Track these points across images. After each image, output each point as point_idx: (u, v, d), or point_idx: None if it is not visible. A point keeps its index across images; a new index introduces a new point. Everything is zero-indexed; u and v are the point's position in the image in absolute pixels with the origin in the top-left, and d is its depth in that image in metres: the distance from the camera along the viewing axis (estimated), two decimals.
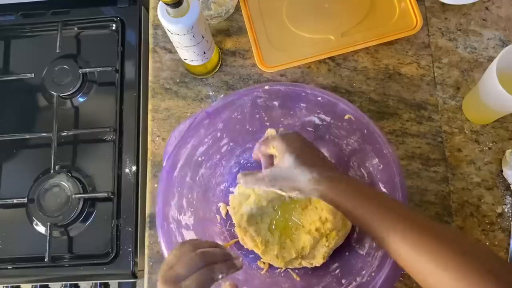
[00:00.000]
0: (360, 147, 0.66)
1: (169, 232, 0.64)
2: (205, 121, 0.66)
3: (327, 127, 0.68)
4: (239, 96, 0.66)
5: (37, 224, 0.80)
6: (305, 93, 0.65)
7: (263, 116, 0.70)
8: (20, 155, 0.85)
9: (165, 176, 0.65)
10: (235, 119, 0.69)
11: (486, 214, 0.71)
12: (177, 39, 0.67)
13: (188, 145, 0.66)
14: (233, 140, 0.71)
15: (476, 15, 0.79)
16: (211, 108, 0.66)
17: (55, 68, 0.86)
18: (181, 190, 0.67)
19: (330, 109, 0.66)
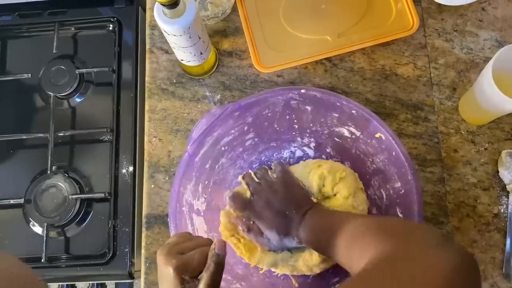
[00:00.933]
0: (385, 168, 0.65)
1: (180, 214, 0.64)
2: (236, 112, 0.66)
3: (355, 141, 0.68)
4: (273, 95, 0.66)
5: (33, 225, 0.80)
6: (340, 104, 0.64)
7: (293, 118, 0.69)
8: (17, 155, 0.85)
9: (187, 159, 0.65)
10: (264, 116, 0.68)
11: (482, 214, 0.71)
12: (173, 40, 0.67)
13: (215, 133, 0.66)
14: (259, 136, 0.71)
15: (473, 16, 0.79)
16: (244, 101, 0.66)
17: (52, 68, 0.86)
18: (199, 176, 0.67)
19: (362, 125, 0.65)
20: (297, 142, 0.72)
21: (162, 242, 0.73)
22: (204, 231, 0.67)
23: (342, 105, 0.65)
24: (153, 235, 0.74)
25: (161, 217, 0.74)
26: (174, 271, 0.46)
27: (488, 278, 0.69)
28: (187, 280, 0.47)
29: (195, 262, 0.47)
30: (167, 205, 0.73)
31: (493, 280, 0.69)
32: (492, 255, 0.70)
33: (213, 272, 0.47)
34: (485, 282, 0.69)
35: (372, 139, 0.65)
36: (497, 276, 0.69)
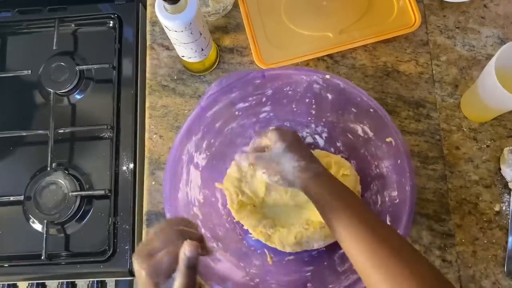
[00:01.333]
0: (387, 175, 0.65)
1: (178, 161, 0.64)
2: (257, 80, 0.65)
3: (366, 142, 0.67)
4: (298, 73, 0.65)
5: (33, 222, 0.80)
6: (360, 99, 0.64)
7: (312, 103, 0.68)
8: (17, 152, 0.85)
9: (199, 111, 0.64)
10: (285, 93, 0.67)
11: (484, 212, 0.71)
12: (174, 36, 0.66)
13: (232, 94, 0.65)
14: (275, 112, 0.70)
15: (475, 12, 0.79)
16: (269, 72, 0.65)
17: (52, 65, 0.86)
18: (206, 131, 0.67)
19: (377, 126, 0.64)
20: (311, 129, 0.72)
21: None
22: (198, 185, 0.67)
23: (362, 101, 0.64)
24: None
25: (161, 214, 0.74)
26: (147, 276, 0.45)
27: (490, 276, 0.69)
28: (161, 282, 0.46)
29: (165, 265, 0.46)
30: None
31: (495, 278, 0.69)
32: (494, 253, 0.70)
33: (185, 275, 0.46)
34: (487, 280, 0.69)
35: (382, 143, 0.64)
36: (499, 274, 0.69)
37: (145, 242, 0.49)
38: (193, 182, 0.67)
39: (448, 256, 0.69)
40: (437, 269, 0.49)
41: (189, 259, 0.46)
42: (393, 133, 0.62)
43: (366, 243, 0.49)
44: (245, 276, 0.64)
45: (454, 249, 0.70)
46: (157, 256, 0.46)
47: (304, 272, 0.66)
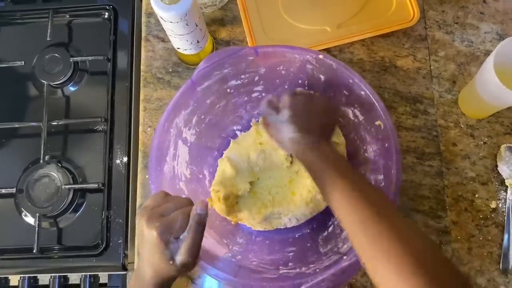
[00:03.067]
0: (375, 159, 0.65)
1: (166, 133, 0.63)
2: (250, 57, 0.64)
3: (357, 126, 0.67)
4: (291, 51, 0.64)
5: (25, 215, 0.79)
6: (352, 81, 0.63)
7: (305, 84, 0.68)
8: (9, 144, 0.84)
9: (189, 84, 0.63)
10: (278, 73, 0.67)
11: (480, 209, 0.71)
12: (170, 27, 0.65)
13: (224, 70, 0.64)
14: (267, 92, 0.70)
15: (474, 8, 0.78)
16: (262, 49, 0.63)
17: (46, 56, 0.85)
18: (197, 107, 0.66)
19: (367, 109, 0.64)
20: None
21: None
22: (185, 161, 0.67)
23: (353, 83, 0.63)
24: None
25: None
26: (158, 235, 0.46)
27: (485, 273, 0.68)
28: (171, 241, 0.47)
29: (178, 223, 0.47)
30: None
31: (490, 275, 0.68)
32: (489, 250, 0.69)
33: (195, 231, 0.47)
34: (482, 277, 0.68)
35: (372, 126, 0.64)
36: (494, 271, 0.68)
37: (152, 206, 0.50)
38: (180, 157, 0.66)
39: (443, 253, 0.69)
40: (435, 243, 0.48)
41: (200, 216, 0.48)
42: (383, 116, 0.62)
43: (360, 213, 0.48)
44: (227, 252, 0.64)
45: (449, 246, 0.69)
46: (170, 216, 0.48)
47: (287, 252, 0.66)
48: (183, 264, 0.47)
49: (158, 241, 0.46)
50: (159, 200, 0.51)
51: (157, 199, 0.51)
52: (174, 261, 0.47)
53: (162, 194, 0.53)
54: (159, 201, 0.51)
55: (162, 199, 0.51)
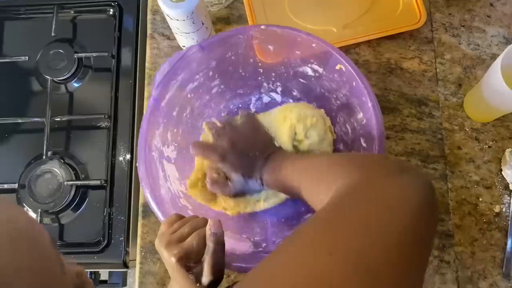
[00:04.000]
0: (348, 102, 0.64)
1: (150, 158, 0.63)
2: (198, 54, 0.63)
3: (319, 79, 0.67)
4: (234, 33, 0.64)
5: (27, 211, 0.79)
6: (300, 39, 0.63)
7: (257, 61, 0.68)
8: (12, 139, 0.83)
9: (152, 103, 0.63)
10: (228, 60, 0.67)
11: (483, 213, 0.71)
12: (176, 25, 0.65)
13: (179, 77, 0.64)
14: (225, 83, 0.70)
15: (481, 11, 0.78)
16: (206, 42, 0.63)
17: (50, 52, 0.84)
18: (167, 122, 0.66)
19: (324, 58, 0.64)
20: (264, 88, 0.72)
21: None
22: (176, 178, 0.67)
23: (302, 40, 0.63)
24: (150, 224, 0.72)
25: None
26: (178, 262, 0.47)
27: (488, 277, 0.68)
28: (193, 266, 0.47)
29: (196, 248, 0.48)
30: None
31: (492, 280, 0.68)
32: (492, 254, 0.69)
33: (214, 251, 0.47)
34: (484, 281, 0.68)
35: (333, 74, 0.64)
36: (497, 276, 0.68)
37: (168, 232, 0.50)
38: (171, 176, 0.66)
39: (446, 256, 0.69)
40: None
41: (216, 235, 0.48)
42: (340, 59, 0.61)
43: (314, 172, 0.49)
44: (251, 245, 0.64)
45: (452, 249, 0.69)
46: (186, 241, 0.48)
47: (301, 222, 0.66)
48: (210, 283, 0.47)
49: (180, 268, 0.47)
50: (173, 223, 0.51)
51: (171, 223, 0.52)
52: (200, 283, 0.47)
53: (174, 217, 0.53)
54: (174, 226, 0.51)
55: (177, 223, 0.51)
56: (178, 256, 0.47)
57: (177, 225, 0.51)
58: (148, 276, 0.70)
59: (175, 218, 0.53)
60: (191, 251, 0.47)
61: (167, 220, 0.53)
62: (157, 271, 0.71)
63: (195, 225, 0.50)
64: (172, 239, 0.48)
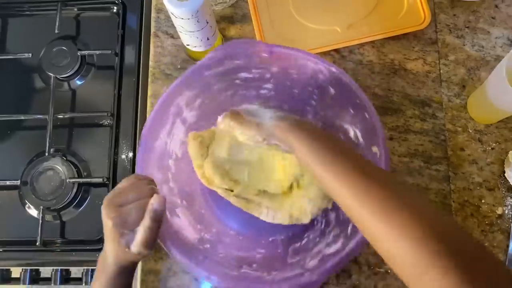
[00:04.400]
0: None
1: (166, 110, 0.62)
2: (263, 53, 0.62)
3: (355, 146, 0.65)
4: (306, 57, 0.61)
5: (29, 207, 0.79)
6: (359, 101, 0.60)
7: (314, 93, 0.66)
8: (15, 136, 0.83)
9: (197, 67, 0.62)
10: (290, 76, 0.65)
11: (486, 214, 0.71)
12: (180, 24, 0.65)
13: (236, 61, 0.62)
14: (276, 91, 0.68)
15: (485, 12, 0.78)
16: (275, 47, 0.61)
17: (53, 49, 0.84)
18: (203, 90, 0.65)
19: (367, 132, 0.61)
20: (307, 119, 0.70)
21: None
22: (180, 140, 0.66)
23: (360, 103, 0.60)
24: None
25: None
26: (113, 226, 0.48)
27: None
28: (126, 233, 0.48)
29: (133, 217, 0.49)
30: None
31: None
32: None
33: (148, 227, 0.48)
34: None
35: (369, 152, 0.61)
36: None
37: (116, 193, 0.51)
38: (175, 135, 0.65)
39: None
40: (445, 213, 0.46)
41: (156, 212, 0.49)
42: (381, 145, 0.59)
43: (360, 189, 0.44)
44: (197, 238, 0.64)
45: None
46: (126, 207, 0.49)
47: (255, 253, 0.65)
48: (138, 253, 0.49)
49: (113, 231, 0.48)
50: (127, 185, 0.52)
51: (124, 184, 0.52)
52: (129, 249, 0.48)
53: (134, 178, 0.53)
54: (126, 187, 0.51)
55: (128, 187, 0.52)
56: (114, 221, 0.48)
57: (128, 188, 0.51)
58: (149, 274, 0.70)
59: (132, 179, 0.53)
60: (127, 218, 0.48)
61: (127, 179, 0.53)
62: (159, 269, 0.70)
63: (140, 192, 0.51)
64: (113, 201, 0.49)
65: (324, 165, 0.47)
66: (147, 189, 0.51)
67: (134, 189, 0.51)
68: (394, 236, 0.40)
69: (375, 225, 0.42)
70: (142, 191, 0.51)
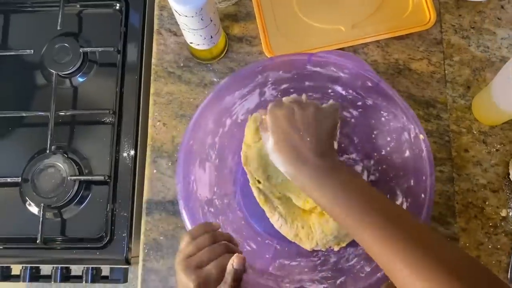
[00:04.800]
0: None
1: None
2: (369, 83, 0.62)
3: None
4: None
5: (30, 205, 0.78)
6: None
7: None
8: (16, 133, 0.83)
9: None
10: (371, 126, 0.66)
11: (490, 216, 0.70)
12: (184, 21, 0.64)
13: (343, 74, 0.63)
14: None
15: (491, 13, 0.77)
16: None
17: (55, 45, 0.84)
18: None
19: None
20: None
21: (162, 228, 0.71)
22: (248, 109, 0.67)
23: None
24: (153, 221, 0.72)
25: (162, 203, 0.72)
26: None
27: None
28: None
29: (214, 277, 0.48)
30: (169, 191, 0.72)
31: None
32: (498, 259, 0.68)
33: (231, 287, 0.47)
34: None
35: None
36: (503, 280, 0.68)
37: (190, 251, 0.50)
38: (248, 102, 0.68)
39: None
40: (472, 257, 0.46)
41: (237, 272, 0.47)
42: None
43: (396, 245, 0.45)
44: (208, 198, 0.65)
45: None
46: (206, 268, 0.48)
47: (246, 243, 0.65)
48: None
49: None
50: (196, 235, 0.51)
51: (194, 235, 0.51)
52: None
53: (199, 228, 0.52)
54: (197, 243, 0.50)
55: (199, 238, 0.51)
56: (196, 283, 0.47)
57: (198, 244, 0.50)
58: (150, 273, 0.70)
59: (200, 230, 0.52)
60: (209, 279, 0.47)
61: (190, 232, 0.52)
62: (160, 268, 0.70)
63: (216, 251, 0.50)
64: (192, 263, 0.48)
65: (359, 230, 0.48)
66: (221, 246, 0.51)
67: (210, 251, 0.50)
68: None
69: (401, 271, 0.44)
70: (217, 250, 0.50)
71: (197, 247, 0.50)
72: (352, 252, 0.64)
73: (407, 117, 0.61)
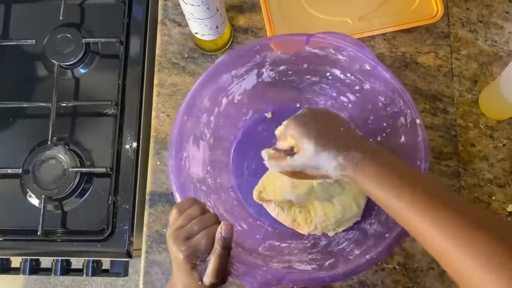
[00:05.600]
0: None
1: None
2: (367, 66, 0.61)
3: None
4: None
5: (31, 196, 0.77)
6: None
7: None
8: (17, 124, 0.82)
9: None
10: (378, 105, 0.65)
11: (496, 212, 0.69)
12: (190, 10, 0.63)
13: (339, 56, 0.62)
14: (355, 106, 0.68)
15: (499, 7, 0.76)
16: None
17: (57, 36, 0.82)
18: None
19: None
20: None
21: (166, 221, 0.70)
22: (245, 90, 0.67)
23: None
24: (156, 213, 0.71)
25: (165, 195, 0.71)
26: (185, 258, 0.47)
27: None
28: (198, 264, 0.47)
29: (203, 247, 0.47)
30: None
31: None
32: None
33: (220, 255, 0.47)
34: None
35: None
36: None
37: (179, 224, 0.49)
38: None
39: None
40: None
41: (225, 239, 0.47)
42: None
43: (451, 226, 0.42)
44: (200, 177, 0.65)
45: None
46: (194, 238, 0.48)
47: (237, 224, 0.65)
48: (211, 284, 0.47)
49: (185, 264, 0.47)
50: (184, 209, 0.51)
51: (182, 209, 0.51)
52: (202, 282, 0.47)
53: (186, 202, 0.52)
54: (184, 216, 0.50)
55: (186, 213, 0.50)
56: (186, 254, 0.47)
57: (187, 216, 0.50)
58: (153, 266, 0.69)
59: (188, 202, 0.51)
60: (198, 249, 0.47)
61: (178, 206, 0.51)
62: (163, 261, 0.69)
63: (205, 222, 0.49)
64: (181, 235, 0.48)
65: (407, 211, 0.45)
66: (209, 216, 0.50)
67: (200, 221, 0.49)
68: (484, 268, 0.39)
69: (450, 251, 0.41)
70: (206, 220, 0.50)
71: (186, 219, 0.50)
72: (343, 236, 0.65)
73: (404, 101, 0.60)
